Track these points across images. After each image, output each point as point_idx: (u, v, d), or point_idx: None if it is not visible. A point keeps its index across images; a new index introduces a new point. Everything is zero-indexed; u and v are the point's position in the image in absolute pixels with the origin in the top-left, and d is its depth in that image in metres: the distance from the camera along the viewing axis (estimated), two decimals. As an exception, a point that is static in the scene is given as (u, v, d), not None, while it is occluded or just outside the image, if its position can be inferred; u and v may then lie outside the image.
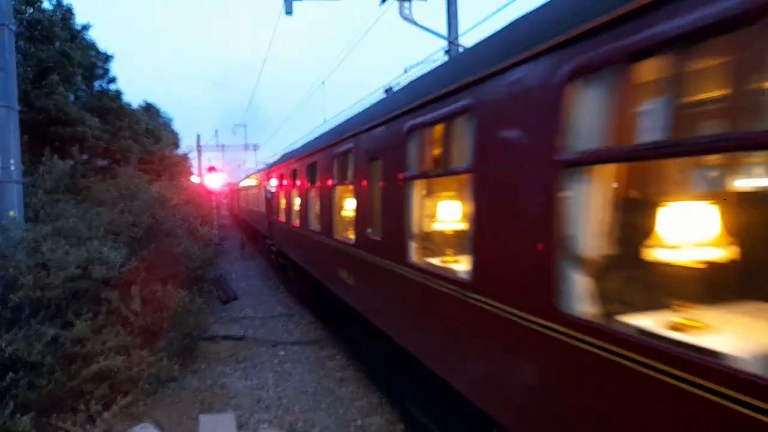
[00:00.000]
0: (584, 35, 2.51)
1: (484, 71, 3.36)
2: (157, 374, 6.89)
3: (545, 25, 2.91)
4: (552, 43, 2.72)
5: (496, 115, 3.28)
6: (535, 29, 3.03)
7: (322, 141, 8.62)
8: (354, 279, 6.73)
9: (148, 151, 24.79)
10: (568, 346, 2.60)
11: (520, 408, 3.18)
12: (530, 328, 2.89)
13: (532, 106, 2.90)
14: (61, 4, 17.60)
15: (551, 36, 2.74)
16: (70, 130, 14.92)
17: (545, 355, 2.84)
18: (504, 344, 3.28)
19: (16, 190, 7.47)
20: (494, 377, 3.46)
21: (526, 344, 2.99)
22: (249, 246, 23.98)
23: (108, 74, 20.84)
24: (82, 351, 6.23)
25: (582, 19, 2.52)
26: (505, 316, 3.15)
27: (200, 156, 35.96)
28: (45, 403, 5.74)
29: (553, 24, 2.80)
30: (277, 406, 6.72)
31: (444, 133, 4.45)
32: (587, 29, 2.49)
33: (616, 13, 2.30)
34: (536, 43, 2.86)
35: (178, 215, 13.42)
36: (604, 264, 2.62)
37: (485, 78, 3.37)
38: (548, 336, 2.74)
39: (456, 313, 3.86)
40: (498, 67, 3.21)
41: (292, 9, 10.32)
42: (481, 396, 3.62)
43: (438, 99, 4.06)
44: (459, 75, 3.76)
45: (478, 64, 3.53)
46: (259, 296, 13.77)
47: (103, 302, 7.08)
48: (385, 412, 6.41)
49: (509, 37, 3.37)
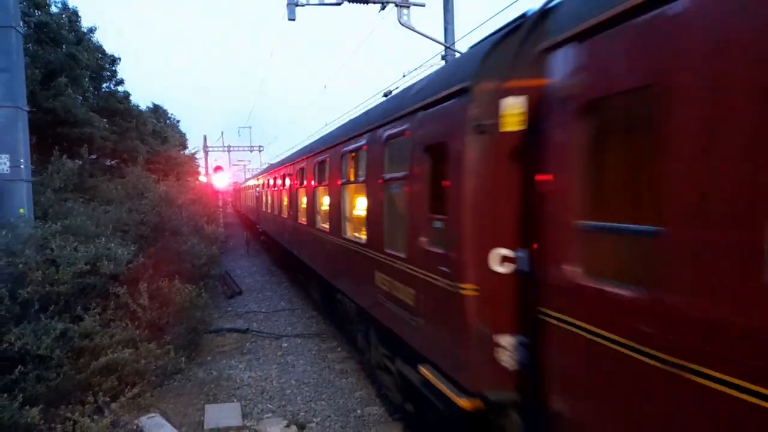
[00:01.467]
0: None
1: (369, 126, 6.27)
2: (164, 367, 7.06)
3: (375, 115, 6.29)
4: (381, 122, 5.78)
5: (369, 151, 6.19)
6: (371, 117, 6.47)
7: (279, 162, 17.41)
8: (291, 236, 12.54)
9: (155, 151, 25.11)
10: (383, 261, 5.57)
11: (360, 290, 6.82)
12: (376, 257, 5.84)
13: (377, 149, 5.79)
14: (67, 7, 17.91)
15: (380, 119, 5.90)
16: (77, 131, 15.17)
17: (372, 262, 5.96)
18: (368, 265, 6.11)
19: (26, 188, 7.64)
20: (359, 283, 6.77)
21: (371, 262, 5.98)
22: (254, 244, 24.19)
23: (115, 76, 21.16)
24: (91, 345, 6.38)
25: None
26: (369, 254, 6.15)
27: (207, 157, 36.24)
28: (53, 395, 5.86)
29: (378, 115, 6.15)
30: (281, 397, 6.88)
31: (357, 157, 6.97)
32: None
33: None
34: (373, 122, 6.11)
35: (185, 214, 13.64)
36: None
37: (370, 130, 6.22)
38: (377, 259, 5.70)
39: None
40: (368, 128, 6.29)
41: (294, 15, 10.46)
42: (352, 294, 7.23)
43: (352, 138, 6.98)
44: (362, 125, 6.70)
45: (368, 122, 6.43)
46: (263, 291, 13.95)
47: (111, 297, 7.26)
48: (384, 402, 6.55)
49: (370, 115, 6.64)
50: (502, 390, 3.50)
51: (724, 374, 1.85)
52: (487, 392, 3.51)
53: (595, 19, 2.52)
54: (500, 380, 3.50)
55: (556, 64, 2.90)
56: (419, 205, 4.46)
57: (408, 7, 10.02)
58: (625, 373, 2.35)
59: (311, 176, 9.76)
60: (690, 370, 1.99)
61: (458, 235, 3.68)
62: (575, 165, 2.70)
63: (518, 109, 3.41)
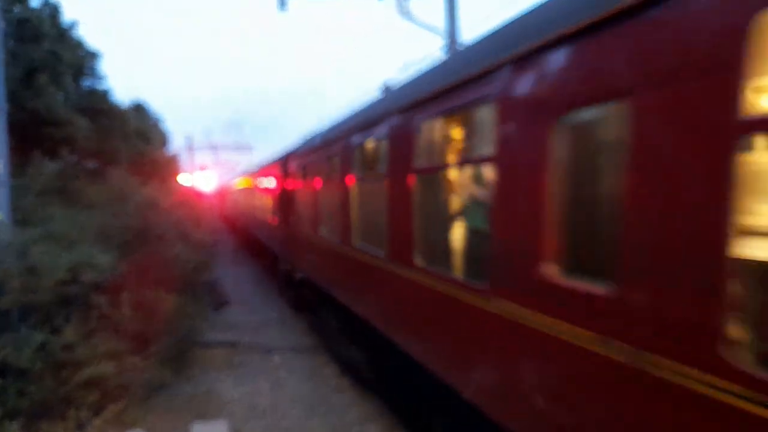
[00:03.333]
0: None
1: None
2: (149, 380, 6.76)
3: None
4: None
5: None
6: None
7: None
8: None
9: (138, 152, 24.55)
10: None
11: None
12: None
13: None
14: (48, 1, 17.38)
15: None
16: (59, 131, 14.70)
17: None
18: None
19: (4, 192, 7.32)
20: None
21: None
22: (241, 250, 23.78)
23: (96, 72, 20.59)
24: (72, 357, 6.11)
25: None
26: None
27: (192, 158, 35.65)
28: (35, 409, 5.64)
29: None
30: (272, 413, 6.61)
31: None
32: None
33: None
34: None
35: (170, 218, 13.27)
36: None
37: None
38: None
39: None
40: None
41: (286, 6, 10.22)
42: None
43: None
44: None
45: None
46: (252, 301, 13.64)
47: (93, 307, 6.95)
48: (384, 419, 6.34)
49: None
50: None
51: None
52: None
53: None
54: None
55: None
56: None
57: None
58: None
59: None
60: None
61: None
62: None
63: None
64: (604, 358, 2.27)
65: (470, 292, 3.40)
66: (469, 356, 3.49)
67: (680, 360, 1.96)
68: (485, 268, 3.28)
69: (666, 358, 2.02)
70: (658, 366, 2.06)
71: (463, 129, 4.24)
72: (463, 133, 4.22)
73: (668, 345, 2.02)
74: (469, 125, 4.16)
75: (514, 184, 3.02)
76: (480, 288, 3.30)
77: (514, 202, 3.01)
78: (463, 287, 3.50)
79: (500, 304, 3.04)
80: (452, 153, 4.42)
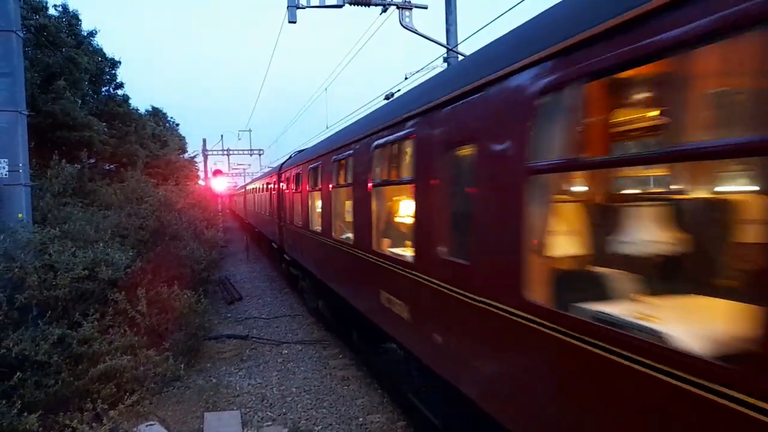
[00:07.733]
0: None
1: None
2: (163, 374, 6.98)
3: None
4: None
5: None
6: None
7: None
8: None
9: (154, 155, 25.03)
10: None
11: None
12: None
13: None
14: (67, 10, 17.86)
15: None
16: (77, 134, 15.11)
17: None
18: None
19: (25, 193, 7.59)
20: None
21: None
22: (254, 249, 24.10)
23: (115, 80, 21.08)
24: (89, 351, 6.31)
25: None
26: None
27: (206, 161, 36.21)
28: (52, 402, 5.80)
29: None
30: (281, 404, 6.79)
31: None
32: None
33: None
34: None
35: (184, 218, 13.58)
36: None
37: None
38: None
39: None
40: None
41: (295, 18, 10.42)
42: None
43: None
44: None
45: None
46: (263, 297, 13.87)
47: (110, 303, 7.19)
48: (386, 410, 6.48)
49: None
50: None
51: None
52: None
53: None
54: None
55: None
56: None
57: (410, 9, 9.98)
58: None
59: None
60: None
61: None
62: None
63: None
64: (464, 300, 3.81)
65: (402, 264, 5.16)
66: (391, 300, 5.58)
67: (501, 301, 3.28)
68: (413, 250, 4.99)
69: (493, 300, 3.38)
70: (491, 304, 3.41)
71: (399, 154, 5.78)
72: (399, 157, 5.77)
73: (495, 292, 3.36)
74: (401, 152, 5.72)
75: (425, 195, 4.50)
76: (407, 262, 5.07)
77: (427, 207, 4.46)
78: (399, 262, 5.30)
79: (417, 272, 4.75)
80: (393, 171, 5.98)
